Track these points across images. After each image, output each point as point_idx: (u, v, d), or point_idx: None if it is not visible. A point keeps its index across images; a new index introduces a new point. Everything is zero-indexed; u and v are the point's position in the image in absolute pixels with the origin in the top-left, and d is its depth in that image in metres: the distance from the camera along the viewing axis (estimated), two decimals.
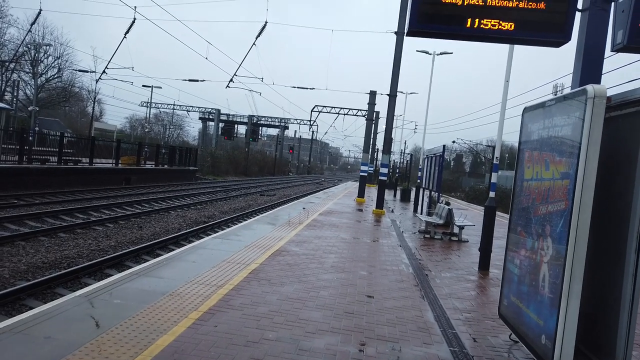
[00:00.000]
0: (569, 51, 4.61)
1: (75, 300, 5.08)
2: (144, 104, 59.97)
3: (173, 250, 10.03)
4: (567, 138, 3.85)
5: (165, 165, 35.99)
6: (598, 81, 4.24)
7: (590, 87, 3.61)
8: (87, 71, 38.92)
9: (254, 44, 23.42)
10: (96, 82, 38.65)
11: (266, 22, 22.63)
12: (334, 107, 46.39)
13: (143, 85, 45.62)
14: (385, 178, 19.50)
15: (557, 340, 3.62)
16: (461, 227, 12.85)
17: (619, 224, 3.69)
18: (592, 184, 3.58)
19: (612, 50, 4.47)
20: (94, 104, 49.14)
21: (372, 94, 26.71)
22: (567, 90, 4.38)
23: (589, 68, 4.28)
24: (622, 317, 3.56)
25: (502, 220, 14.76)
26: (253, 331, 4.63)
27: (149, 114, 55.56)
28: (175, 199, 22.48)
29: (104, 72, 28.78)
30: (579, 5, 4.32)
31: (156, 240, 11.75)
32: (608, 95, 3.67)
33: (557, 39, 4.30)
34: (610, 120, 3.85)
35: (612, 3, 4.34)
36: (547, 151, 4.25)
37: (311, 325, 4.95)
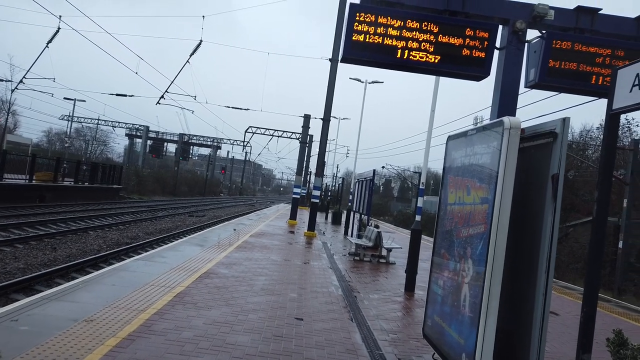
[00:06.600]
0: (488, 87, 4.99)
1: None
2: (65, 118, 56.38)
3: (91, 273, 9.37)
4: (486, 165, 4.11)
5: (86, 183, 33.87)
6: (513, 113, 4.61)
7: (506, 119, 3.90)
8: (1, 80, 36.06)
9: (187, 61, 22.99)
10: (12, 92, 35.74)
11: (201, 41, 22.37)
12: (269, 129, 46.25)
13: (65, 98, 42.99)
14: (317, 200, 19.69)
15: (476, 358, 3.78)
16: (389, 250, 13.19)
17: (533, 246, 3.96)
18: (508, 208, 3.83)
19: (525, 87, 4.89)
20: (7, 115, 45.47)
21: (307, 118, 27.07)
22: (487, 122, 4.71)
23: (506, 101, 4.65)
24: (534, 334, 3.79)
25: (426, 243, 15.34)
26: (176, 357, 4.40)
27: (70, 128, 52.36)
28: (96, 218, 21.15)
29: (21, 81, 26.85)
30: (497, 44, 4.71)
31: (72, 263, 10.95)
32: (522, 127, 3.98)
33: (478, 73, 4.64)
34: (525, 150, 4.18)
35: (526, 44, 4.77)
36: (468, 177, 4.51)
37: (238, 350, 4.80)
